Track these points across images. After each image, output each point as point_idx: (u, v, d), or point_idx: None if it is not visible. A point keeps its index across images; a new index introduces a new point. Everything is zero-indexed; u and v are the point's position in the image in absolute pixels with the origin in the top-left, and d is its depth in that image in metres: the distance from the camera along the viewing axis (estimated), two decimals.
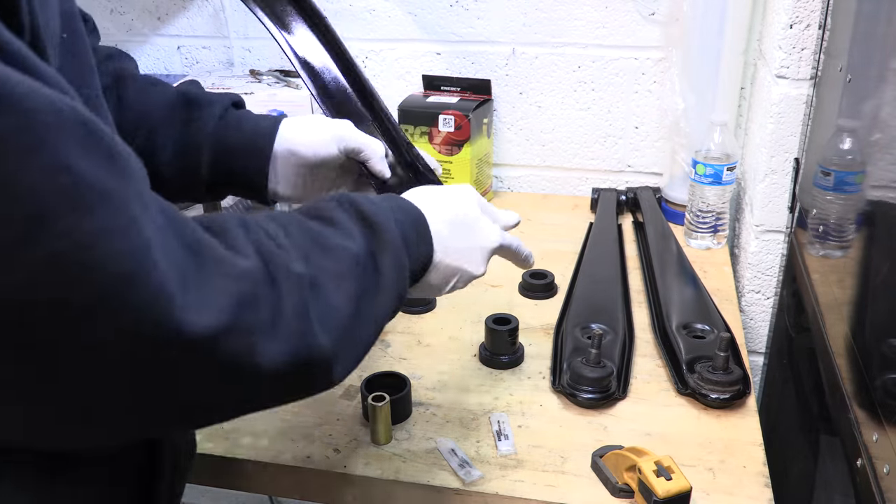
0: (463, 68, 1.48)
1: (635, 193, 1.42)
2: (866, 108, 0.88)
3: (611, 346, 0.97)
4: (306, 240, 0.55)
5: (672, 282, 1.13)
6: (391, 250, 0.61)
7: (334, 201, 0.62)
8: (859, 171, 0.91)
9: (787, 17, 1.09)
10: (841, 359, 0.84)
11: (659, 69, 1.40)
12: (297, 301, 0.50)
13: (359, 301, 0.56)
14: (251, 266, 0.48)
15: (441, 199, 0.71)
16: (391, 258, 0.61)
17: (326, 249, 0.55)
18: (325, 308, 0.52)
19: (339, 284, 0.54)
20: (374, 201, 0.63)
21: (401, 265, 0.62)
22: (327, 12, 1.49)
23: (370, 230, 0.60)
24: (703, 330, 1.01)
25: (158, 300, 0.41)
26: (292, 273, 0.50)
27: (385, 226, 0.61)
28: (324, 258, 0.54)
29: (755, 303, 1.25)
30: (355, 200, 0.62)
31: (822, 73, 1.08)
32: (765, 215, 1.19)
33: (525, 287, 1.17)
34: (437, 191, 0.73)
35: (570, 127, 1.48)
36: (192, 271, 0.44)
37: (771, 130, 1.15)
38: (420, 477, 0.81)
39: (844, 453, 0.80)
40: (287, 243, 0.52)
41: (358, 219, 0.60)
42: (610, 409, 0.91)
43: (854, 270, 0.87)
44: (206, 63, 1.60)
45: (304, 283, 0.51)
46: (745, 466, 0.82)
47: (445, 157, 1.40)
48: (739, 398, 0.90)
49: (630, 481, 0.77)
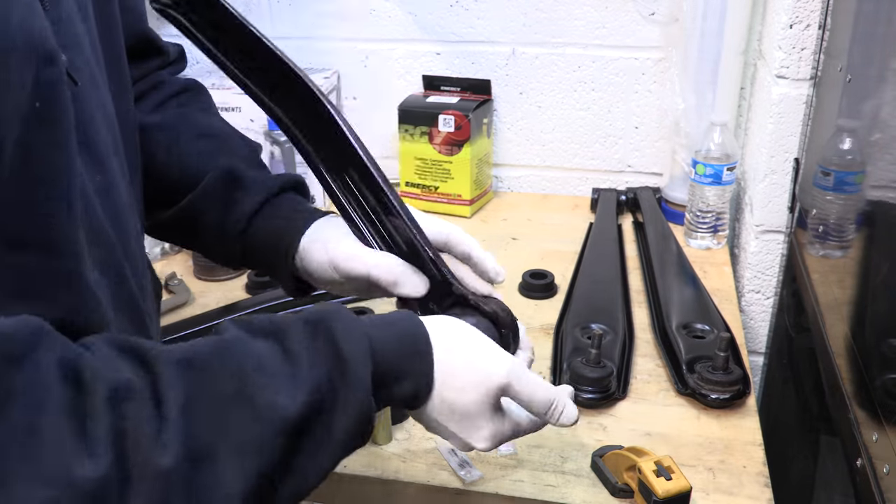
0: (463, 68, 1.48)
1: (635, 193, 1.42)
2: (866, 108, 0.88)
3: (611, 346, 0.97)
4: (223, 391, 0.48)
5: (672, 282, 1.13)
6: (351, 408, 0.53)
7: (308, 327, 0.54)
8: (859, 171, 0.91)
9: (787, 17, 1.09)
10: (841, 359, 0.84)
11: (659, 69, 1.40)
12: (153, 502, 0.44)
13: (267, 477, 0.49)
14: (91, 475, 0.42)
15: (460, 378, 0.60)
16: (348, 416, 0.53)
17: (244, 407, 0.48)
18: (213, 487, 0.46)
19: (241, 459, 0.48)
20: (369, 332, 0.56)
21: (361, 421, 0.54)
22: (328, 13, 1.50)
23: (339, 374, 0.53)
24: (703, 330, 1.01)
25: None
26: (153, 472, 0.44)
27: (355, 377, 0.53)
28: (233, 420, 0.48)
29: (755, 303, 1.25)
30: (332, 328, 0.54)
31: (822, 73, 1.08)
32: (765, 215, 1.19)
33: (525, 287, 1.17)
34: (465, 358, 0.61)
35: (570, 127, 1.48)
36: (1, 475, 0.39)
37: (771, 130, 1.15)
38: (420, 477, 0.81)
39: (844, 453, 0.80)
40: (174, 413, 0.46)
41: (331, 354, 0.53)
42: (610, 409, 0.91)
43: (854, 270, 0.87)
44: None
45: (173, 477, 0.45)
46: (745, 466, 0.82)
47: (445, 157, 1.40)
48: (739, 398, 0.90)
49: (630, 481, 0.77)
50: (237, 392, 0.49)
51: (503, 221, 1.42)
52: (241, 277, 1.22)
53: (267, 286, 1.18)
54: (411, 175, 1.44)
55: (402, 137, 1.42)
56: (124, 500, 0.44)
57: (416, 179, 1.44)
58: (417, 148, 1.42)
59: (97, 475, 0.42)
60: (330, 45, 1.51)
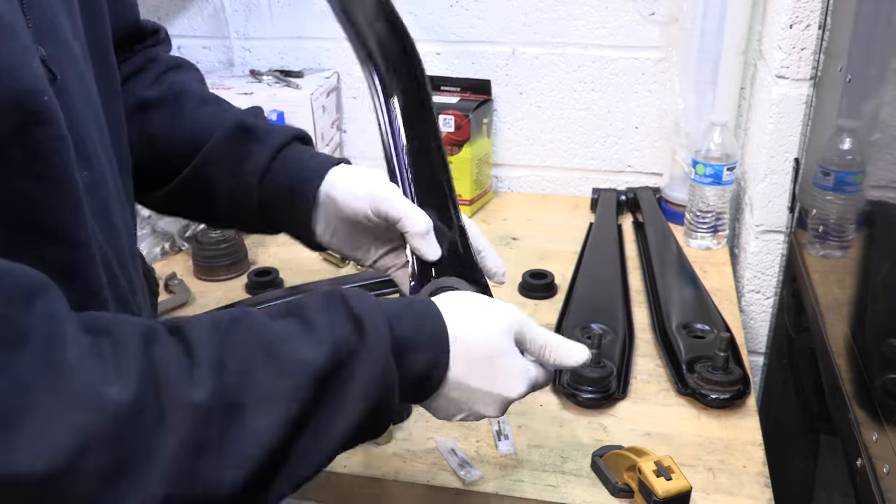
0: (463, 68, 1.48)
1: (635, 193, 1.42)
2: (866, 108, 0.88)
3: (611, 346, 0.97)
4: (249, 352, 0.50)
5: (672, 282, 1.14)
6: (372, 364, 0.53)
7: (324, 299, 0.56)
8: (859, 171, 0.91)
9: (787, 17, 1.09)
10: (841, 359, 0.84)
11: (659, 69, 1.40)
12: (185, 435, 0.45)
13: (296, 428, 0.50)
14: (121, 397, 0.43)
15: (474, 324, 0.61)
16: (370, 371, 0.53)
17: (269, 364, 0.50)
18: (241, 436, 0.47)
19: (269, 409, 0.49)
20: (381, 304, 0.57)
21: (383, 383, 0.54)
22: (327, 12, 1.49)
23: (357, 335, 0.54)
24: (703, 330, 1.01)
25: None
26: (185, 404, 0.45)
27: (374, 335, 0.54)
28: (260, 375, 0.49)
29: (755, 303, 1.25)
30: (346, 297, 0.55)
31: (822, 73, 1.08)
32: (765, 215, 1.19)
33: (525, 287, 1.17)
34: (475, 308, 0.62)
35: (570, 127, 1.48)
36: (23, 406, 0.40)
37: (771, 130, 1.15)
38: (420, 477, 0.81)
39: (844, 453, 0.80)
40: (205, 361, 0.48)
41: (348, 317, 0.54)
42: (610, 409, 0.91)
43: (854, 270, 0.87)
44: (206, 63, 1.60)
45: (203, 413, 0.46)
46: (745, 466, 0.82)
47: None
48: (739, 398, 0.90)
49: (630, 481, 0.77)
50: (263, 354, 0.50)
51: (503, 221, 1.42)
52: (241, 277, 1.22)
53: (267, 286, 1.18)
54: None
55: None
56: (160, 429, 0.44)
57: None
58: None
59: (129, 398, 0.43)
60: (330, 45, 1.51)
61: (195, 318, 0.52)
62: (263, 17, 1.52)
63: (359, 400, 0.53)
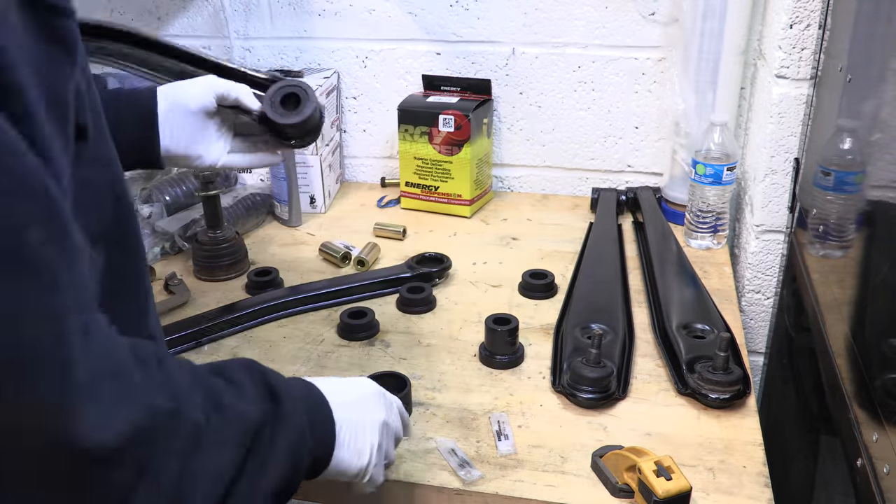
0: (463, 68, 1.48)
1: (635, 193, 1.42)
2: (866, 108, 0.88)
3: (611, 346, 0.97)
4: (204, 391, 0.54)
5: (672, 282, 1.13)
6: (291, 424, 0.59)
7: (243, 366, 0.61)
8: (859, 171, 0.91)
9: (787, 17, 1.09)
10: (841, 359, 0.84)
11: (659, 69, 1.40)
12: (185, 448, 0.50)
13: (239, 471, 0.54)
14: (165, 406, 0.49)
15: (341, 384, 0.71)
16: (289, 432, 0.59)
17: (218, 408, 0.54)
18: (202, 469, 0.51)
19: (220, 449, 0.53)
20: (284, 378, 0.63)
21: (301, 440, 0.61)
22: (328, 12, 1.50)
23: (272, 402, 0.59)
24: (703, 330, 1.01)
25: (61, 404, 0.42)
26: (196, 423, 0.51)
27: (287, 399, 0.60)
28: (213, 416, 0.53)
29: (755, 303, 1.25)
30: (264, 371, 0.62)
31: (822, 73, 1.08)
32: (765, 215, 1.19)
33: (525, 287, 1.17)
34: (336, 380, 0.72)
35: (570, 127, 1.48)
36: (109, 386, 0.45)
37: (771, 130, 1.15)
38: (420, 477, 0.81)
39: (844, 453, 0.80)
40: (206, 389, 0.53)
41: (262, 386, 0.59)
42: (610, 409, 0.91)
43: (854, 270, 0.87)
44: None
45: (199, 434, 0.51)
46: (745, 466, 0.82)
47: (445, 157, 1.40)
48: (739, 398, 0.90)
49: (630, 481, 0.77)
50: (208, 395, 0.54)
51: (503, 221, 1.42)
52: (241, 277, 1.22)
53: (267, 286, 1.18)
54: (411, 175, 1.44)
55: (402, 137, 1.42)
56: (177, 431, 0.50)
57: (416, 179, 1.44)
58: (417, 148, 1.42)
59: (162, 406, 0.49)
60: (330, 45, 1.51)
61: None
62: (263, 16, 1.52)
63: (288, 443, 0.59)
